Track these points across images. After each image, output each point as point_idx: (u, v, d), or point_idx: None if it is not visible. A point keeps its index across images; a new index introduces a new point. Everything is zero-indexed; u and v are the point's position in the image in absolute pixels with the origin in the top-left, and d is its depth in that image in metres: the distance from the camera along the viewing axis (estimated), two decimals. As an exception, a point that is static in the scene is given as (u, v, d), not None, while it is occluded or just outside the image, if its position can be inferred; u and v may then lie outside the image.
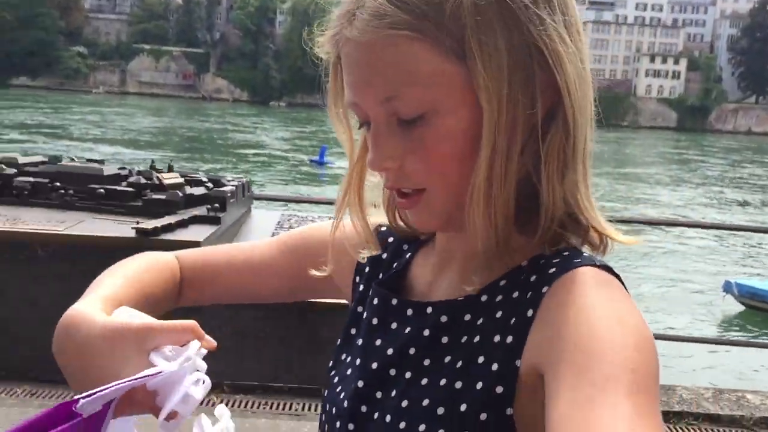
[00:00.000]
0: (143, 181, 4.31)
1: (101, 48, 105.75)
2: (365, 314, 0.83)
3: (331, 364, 0.86)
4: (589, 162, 0.74)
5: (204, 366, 0.64)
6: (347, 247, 0.86)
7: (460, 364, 0.72)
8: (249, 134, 50.68)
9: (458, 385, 0.71)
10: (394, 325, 0.79)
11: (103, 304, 0.72)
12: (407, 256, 0.86)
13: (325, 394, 0.84)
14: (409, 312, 0.79)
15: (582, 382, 0.57)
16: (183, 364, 0.62)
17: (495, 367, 0.69)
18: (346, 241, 0.85)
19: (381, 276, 0.86)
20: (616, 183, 31.95)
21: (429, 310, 0.77)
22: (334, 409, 0.80)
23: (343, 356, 0.85)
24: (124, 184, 4.29)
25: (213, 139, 46.60)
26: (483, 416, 0.68)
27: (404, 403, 0.74)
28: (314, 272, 0.88)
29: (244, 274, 0.93)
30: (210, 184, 4.58)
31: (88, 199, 4.15)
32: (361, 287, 0.87)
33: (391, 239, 0.88)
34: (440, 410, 0.71)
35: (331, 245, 0.87)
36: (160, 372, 0.60)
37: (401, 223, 0.84)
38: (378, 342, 0.80)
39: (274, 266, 0.93)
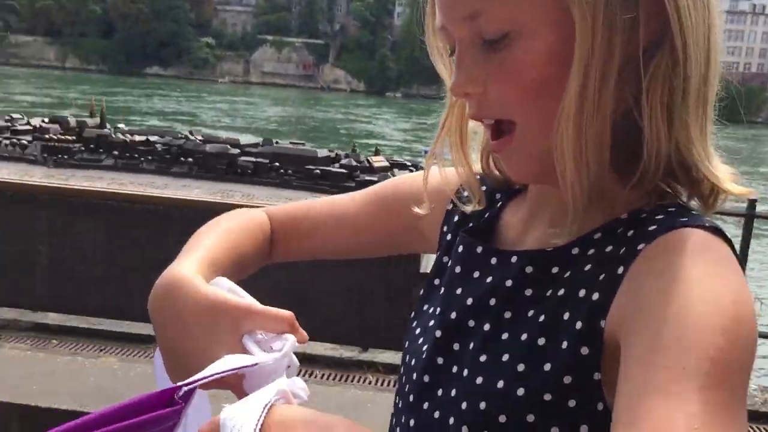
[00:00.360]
0: (354, 163, 4.50)
1: (227, 39, 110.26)
2: (449, 263, 0.80)
3: (412, 315, 0.83)
4: (711, 108, 0.66)
5: (296, 363, 0.63)
6: (447, 192, 0.82)
7: (543, 318, 0.66)
8: (369, 124, 51.44)
9: (541, 341, 0.65)
10: (476, 274, 0.75)
11: (200, 266, 0.72)
12: (498, 205, 0.81)
13: (406, 346, 0.81)
14: (493, 261, 0.74)
15: (653, 368, 0.52)
16: (280, 360, 0.61)
17: (579, 325, 0.63)
18: (446, 187, 0.82)
19: (471, 225, 0.82)
20: (756, 183, 30.11)
21: (514, 259, 0.72)
22: (413, 361, 0.77)
23: (425, 306, 0.81)
24: (336, 165, 4.49)
25: (336, 128, 47.67)
26: (567, 379, 0.62)
27: (482, 358, 0.69)
28: (417, 209, 0.83)
29: (335, 229, 0.91)
30: (413, 168, 4.72)
31: (303, 179, 4.39)
32: (449, 236, 0.83)
33: (483, 188, 0.82)
34: (520, 367, 0.65)
35: (425, 186, 0.82)
36: (256, 364, 0.60)
37: (495, 171, 0.80)
38: (459, 291, 0.76)
39: (366, 219, 0.90)
